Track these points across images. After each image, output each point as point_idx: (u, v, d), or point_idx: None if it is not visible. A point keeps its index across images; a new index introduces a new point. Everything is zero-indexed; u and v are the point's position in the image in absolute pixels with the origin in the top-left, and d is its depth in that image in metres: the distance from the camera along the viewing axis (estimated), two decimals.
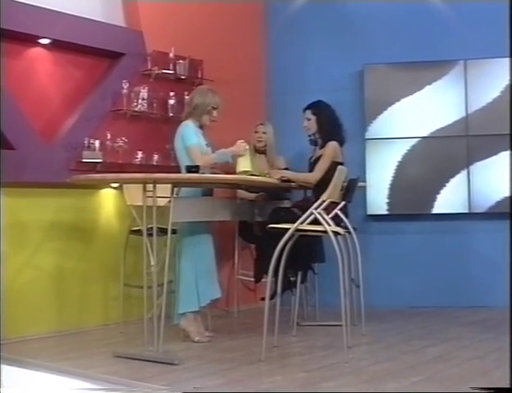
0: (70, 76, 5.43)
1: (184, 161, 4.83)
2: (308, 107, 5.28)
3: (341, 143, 5.19)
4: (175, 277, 4.87)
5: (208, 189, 5.03)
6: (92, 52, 5.49)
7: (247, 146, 4.90)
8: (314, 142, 5.30)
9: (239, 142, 4.87)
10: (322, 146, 5.18)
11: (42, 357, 4.40)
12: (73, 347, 4.74)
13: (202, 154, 4.81)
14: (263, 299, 4.66)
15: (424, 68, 6.39)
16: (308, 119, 5.26)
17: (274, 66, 6.81)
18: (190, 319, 4.84)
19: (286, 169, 5.91)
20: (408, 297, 6.34)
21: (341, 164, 5.08)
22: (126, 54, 5.64)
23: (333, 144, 5.12)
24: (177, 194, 4.79)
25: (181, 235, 4.85)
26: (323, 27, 6.66)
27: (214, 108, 4.91)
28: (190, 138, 4.81)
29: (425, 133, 6.40)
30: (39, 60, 5.26)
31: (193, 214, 4.71)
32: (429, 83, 6.40)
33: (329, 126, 5.17)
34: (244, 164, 4.88)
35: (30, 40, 5.15)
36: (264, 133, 6.02)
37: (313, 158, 5.25)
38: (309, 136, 5.31)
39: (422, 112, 6.41)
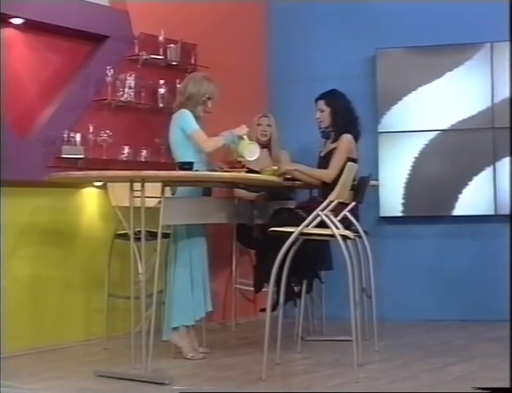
0: (47, 61, 5.43)
1: (184, 155, 4.83)
2: (322, 97, 5.27)
3: (356, 138, 5.20)
4: (166, 286, 4.90)
5: (207, 188, 5.05)
6: (72, 35, 5.49)
7: (248, 128, 4.96)
8: (326, 135, 5.31)
9: (241, 126, 4.93)
10: (335, 140, 5.19)
11: (15, 378, 4.38)
12: (50, 366, 4.75)
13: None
14: (264, 310, 4.70)
15: (445, 52, 6.41)
16: (322, 111, 5.25)
17: (276, 52, 6.83)
18: (182, 334, 4.87)
19: None
20: (426, 309, 6.36)
21: (355, 160, 5.10)
22: (110, 37, 5.65)
23: (347, 137, 5.14)
24: (173, 194, 4.83)
25: (174, 239, 4.88)
26: (330, 8, 6.66)
27: (209, 98, 4.94)
28: (191, 125, 4.84)
29: (446, 126, 6.42)
30: (11, 43, 5.23)
31: (186, 215, 4.75)
32: (450, 70, 6.42)
33: (344, 118, 5.17)
34: (248, 141, 4.90)
35: (0, 20, 5.12)
36: (268, 125, 6.07)
37: (324, 152, 5.27)
38: (320, 128, 5.32)
39: (442, 102, 6.43)
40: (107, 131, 5.44)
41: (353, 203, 4.82)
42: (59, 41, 5.46)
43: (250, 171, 5.51)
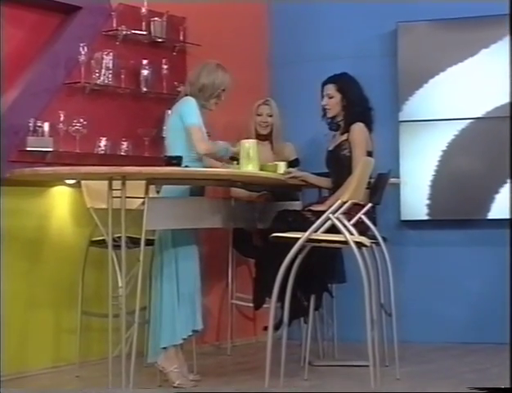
0: (8, 37, 5.38)
1: (177, 147, 4.94)
2: (332, 81, 5.35)
3: (370, 129, 5.29)
4: (151, 302, 4.98)
5: (198, 187, 5.14)
6: (38, 5, 5.51)
7: (252, 146, 5.03)
8: (335, 127, 5.40)
9: (243, 141, 5.04)
10: (345, 131, 5.28)
11: None
12: None
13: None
14: (266, 328, 4.78)
15: (479, 26, 6.43)
16: (330, 97, 5.33)
17: (279, 27, 6.88)
18: (170, 356, 4.92)
19: (296, 159, 6.04)
20: (456, 330, 6.41)
21: (370, 154, 5.19)
22: (83, 8, 5.67)
23: (360, 127, 5.22)
24: (157, 193, 4.91)
25: (160, 247, 4.95)
26: None
27: (223, 90, 5.09)
28: (193, 116, 4.95)
29: (479, 113, 6.45)
30: None
31: (174, 219, 4.81)
32: (486, 46, 6.44)
33: (358, 108, 5.25)
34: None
35: None
36: (270, 115, 6.15)
37: (333, 146, 5.34)
38: (323, 116, 5.40)
39: (475, 85, 6.46)
40: (81, 120, 5.45)
41: (370, 204, 4.90)
42: (22, 12, 5.46)
43: None
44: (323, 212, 4.72)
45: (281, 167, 5.30)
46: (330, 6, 6.73)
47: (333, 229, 4.66)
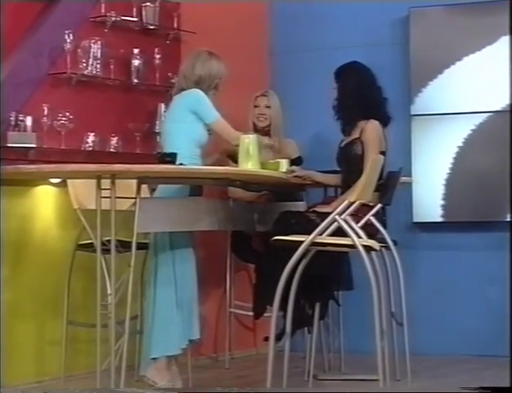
0: None
1: (179, 142, 5.01)
2: (334, 72, 5.40)
3: (385, 123, 5.33)
4: (144, 310, 5.00)
5: (197, 187, 5.18)
6: None
7: (252, 142, 5.06)
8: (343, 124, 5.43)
9: (242, 137, 5.07)
10: (351, 128, 5.30)
11: None
12: None
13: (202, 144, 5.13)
14: (266, 339, 4.81)
15: (497, 11, 6.42)
16: (333, 88, 5.37)
17: (281, 12, 6.90)
18: (161, 368, 4.96)
19: (299, 157, 6.06)
20: (474, 341, 6.41)
21: (383, 153, 5.22)
22: None
23: (373, 125, 5.27)
24: (153, 191, 4.94)
25: (154, 251, 5.00)
26: None
27: (219, 79, 5.17)
28: (212, 110, 5.08)
29: (498, 106, 6.46)
30: None
31: (168, 221, 4.85)
32: (505, 33, 6.43)
33: (357, 101, 5.27)
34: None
35: None
36: (268, 106, 6.15)
37: (344, 143, 5.39)
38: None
39: (494, 76, 6.47)
40: (66, 113, 5.49)
41: (379, 205, 4.93)
42: None
43: None
44: (329, 213, 4.75)
45: (283, 165, 5.33)
46: None
47: (339, 232, 4.69)
